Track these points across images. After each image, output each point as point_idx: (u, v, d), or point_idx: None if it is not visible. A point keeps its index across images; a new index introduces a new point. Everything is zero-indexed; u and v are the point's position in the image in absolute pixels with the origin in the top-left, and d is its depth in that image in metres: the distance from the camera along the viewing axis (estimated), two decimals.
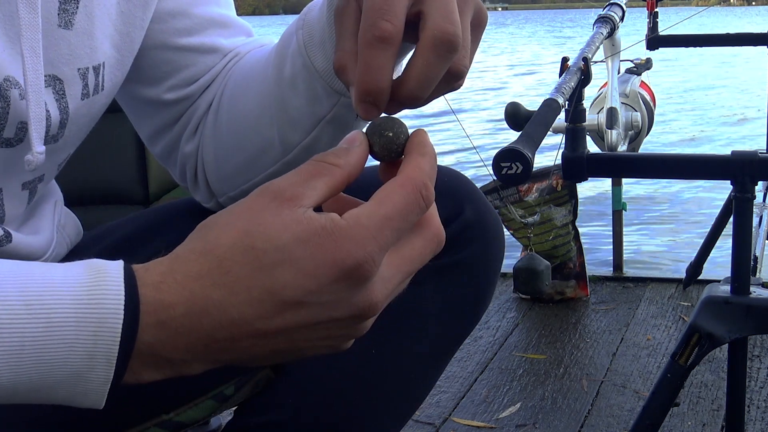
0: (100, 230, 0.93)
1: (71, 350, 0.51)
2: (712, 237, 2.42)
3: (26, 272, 0.52)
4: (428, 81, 0.59)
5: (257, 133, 0.82)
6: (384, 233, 0.53)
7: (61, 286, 0.51)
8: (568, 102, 1.24)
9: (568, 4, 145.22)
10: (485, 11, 0.64)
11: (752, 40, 2.34)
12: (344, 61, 0.61)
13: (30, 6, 0.65)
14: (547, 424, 1.83)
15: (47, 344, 0.50)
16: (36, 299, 0.50)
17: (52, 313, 0.50)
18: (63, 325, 0.50)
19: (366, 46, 0.57)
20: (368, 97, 0.58)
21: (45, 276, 0.52)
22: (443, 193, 0.87)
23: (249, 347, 0.54)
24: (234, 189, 0.86)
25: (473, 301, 0.90)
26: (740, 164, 1.21)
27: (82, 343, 0.51)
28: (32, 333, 0.50)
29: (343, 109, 0.77)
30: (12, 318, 0.50)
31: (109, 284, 0.52)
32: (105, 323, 0.51)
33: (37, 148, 0.68)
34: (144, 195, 1.73)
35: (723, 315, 1.24)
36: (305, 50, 0.75)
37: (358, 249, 0.52)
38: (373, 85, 0.58)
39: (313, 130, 0.79)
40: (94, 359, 0.51)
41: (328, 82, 0.75)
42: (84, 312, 0.51)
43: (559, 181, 2.45)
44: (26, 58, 0.66)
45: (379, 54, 0.57)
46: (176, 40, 0.83)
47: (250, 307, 0.52)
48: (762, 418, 1.82)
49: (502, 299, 2.55)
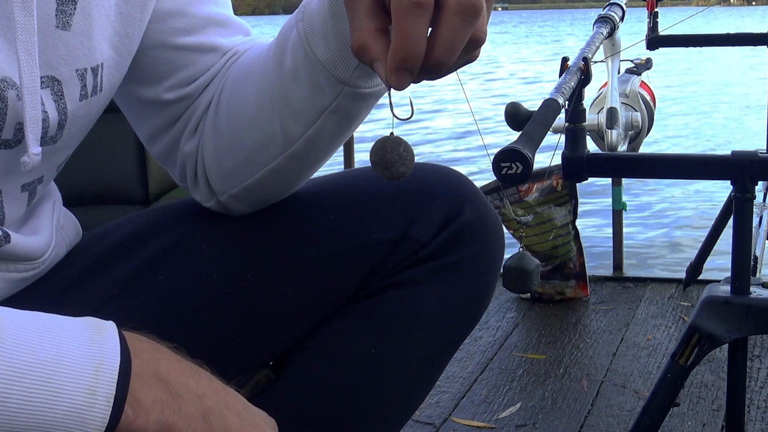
0: (100, 230, 0.93)
1: (77, 382, 0.53)
2: (712, 237, 2.42)
3: (33, 313, 0.56)
4: (454, 47, 0.60)
5: (258, 128, 0.81)
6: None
7: (66, 324, 0.55)
8: (568, 102, 1.24)
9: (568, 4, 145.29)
10: None
11: (752, 40, 2.34)
12: (363, 39, 0.62)
13: (25, 8, 0.65)
14: (547, 424, 1.83)
15: (55, 371, 0.53)
16: (47, 330, 0.54)
17: (60, 345, 0.54)
18: (70, 355, 0.54)
19: (403, 14, 0.58)
20: (407, 64, 0.59)
21: (51, 316, 0.56)
22: (443, 193, 0.88)
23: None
24: (235, 186, 0.86)
25: (473, 301, 0.90)
26: (740, 164, 1.21)
27: (86, 377, 0.54)
28: (44, 357, 0.53)
29: (346, 99, 0.77)
30: (25, 341, 0.53)
31: (107, 330, 0.57)
32: (106, 361, 0.54)
33: (33, 149, 0.68)
34: (144, 195, 1.73)
35: (723, 315, 1.24)
36: (306, 41, 0.75)
37: None
38: (412, 51, 0.59)
39: (316, 121, 0.78)
40: (95, 396, 0.53)
41: (331, 71, 0.75)
42: (87, 349, 0.54)
43: (559, 181, 2.45)
44: (21, 60, 0.66)
45: (415, 21, 0.58)
46: (175, 40, 0.83)
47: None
48: (762, 418, 1.82)
49: (502, 299, 2.55)
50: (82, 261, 0.87)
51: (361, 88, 0.76)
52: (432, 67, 0.61)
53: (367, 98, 0.78)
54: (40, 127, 0.68)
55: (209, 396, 0.61)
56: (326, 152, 0.84)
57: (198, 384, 0.61)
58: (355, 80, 0.75)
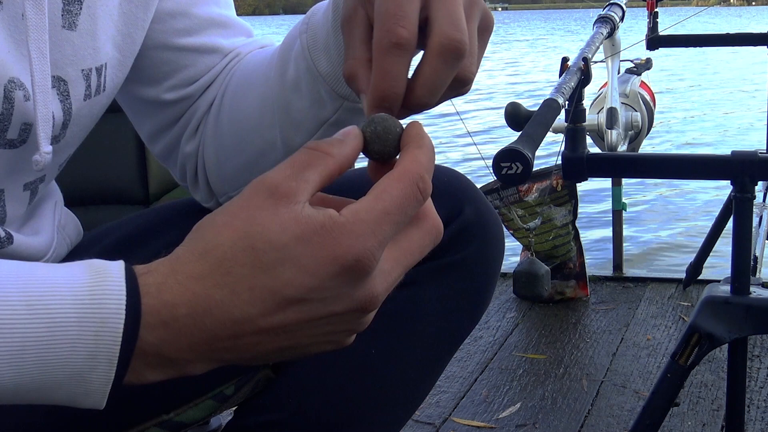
0: (100, 230, 0.93)
1: (73, 350, 0.51)
2: (712, 237, 2.42)
3: (28, 273, 0.52)
4: (436, 88, 0.59)
5: (259, 135, 0.81)
6: (383, 227, 0.53)
7: (63, 286, 0.51)
8: (568, 102, 1.24)
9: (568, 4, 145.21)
10: (492, 16, 0.64)
11: (752, 40, 2.34)
12: (355, 69, 0.61)
13: (37, 7, 0.65)
14: (547, 424, 1.83)
15: (49, 344, 0.50)
16: (38, 300, 0.50)
17: (54, 314, 0.50)
18: (65, 325, 0.50)
19: (382, 53, 0.57)
20: (384, 103, 0.58)
21: (46, 277, 0.52)
22: (443, 193, 0.87)
23: (252, 345, 0.54)
24: (235, 189, 0.86)
25: (473, 301, 0.90)
26: (740, 164, 1.21)
27: (84, 343, 0.51)
28: (34, 333, 0.50)
29: (346, 112, 0.77)
30: (14, 318, 0.50)
31: (110, 285, 0.52)
32: (107, 323, 0.51)
33: (45, 148, 0.68)
34: (144, 195, 1.73)
35: (723, 315, 1.24)
36: (309, 54, 0.75)
37: (357, 244, 0.52)
38: (390, 91, 0.58)
39: (316, 132, 0.79)
40: (95, 359, 0.51)
41: (332, 86, 0.75)
42: (86, 312, 0.51)
43: (559, 181, 2.45)
44: (33, 59, 0.65)
45: (395, 60, 0.57)
46: (176, 41, 0.83)
47: (252, 306, 0.53)
48: (762, 418, 1.82)
49: (502, 299, 2.55)
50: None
51: (361, 102, 0.76)
52: (414, 106, 0.60)
53: None
54: (51, 126, 0.69)
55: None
56: None
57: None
58: (356, 95, 0.75)
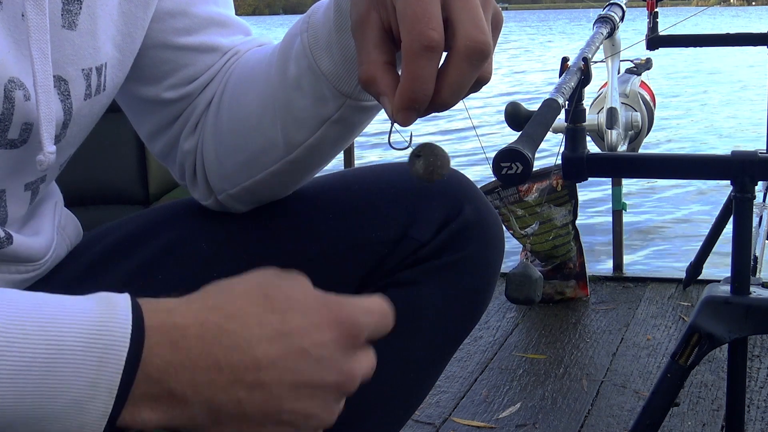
0: (100, 230, 0.93)
1: (76, 375, 0.51)
2: (712, 237, 2.42)
3: (42, 298, 0.54)
4: (461, 88, 0.61)
5: (259, 133, 0.81)
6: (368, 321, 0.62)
7: (74, 312, 0.53)
8: (568, 102, 1.24)
9: (568, 4, 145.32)
10: (501, 13, 0.65)
11: (752, 40, 2.34)
12: (372, 72, 0.62)
13: (38, 7, 0.65)
14: (547, 424, 1.83)
15: (54, 366, 0.51)
16: (50, 321, 0.52)
17: (63, 336, 0.52)
18: (71, 349, 0.51)
19: (414, 56, 0.58)
20: (414, 105, 0.59)
21: (59, 302, 0.54)
22: (443, 192, 0.88)
23: (243, 397, 0.56)
24: (234, 186, 0.86)
25: (473, 300, 0.90)
26: (740, 164, 1.21)
27: (87, 369, 0.52)
28: (43, 353, 0.51)
29: (349, 110, 0.77)
30: (25, 336, 0.51)
31: (117, 313, 0.53)
32: (111, 350, 0.52)
33: (48, 148, 0.68)
34: (144, 195, 1.73)
35: (723, 315, 1.24)
36: (310, 53, 0.75)
37: (356, 312, 0.60)
38: (421, 93, 0.59)
39: (318, 130, 0.78)
40: (96, 388, 0.52)
41: (334, 84, 0.75)
42: (92, 338, 0.52)
43: (559, 181, 2.45)
44: (35, 60, 0.66)
45: (426, 63, 0.58)
46: (175, 40, 0.83)
47: (259, 343, 0.56)
48: (762, 418, 1.82)
49: (502, 299, 2.55)
50: (83, 261, 0.87)
51: (365, 101, 0.76)
52: (438, 106, 0.61)
53: (370, 110, 0.78)
54: (53, 125, 0.69)
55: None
56: (327, 158, 0.84)
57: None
58: (359, 93, 0.75)
